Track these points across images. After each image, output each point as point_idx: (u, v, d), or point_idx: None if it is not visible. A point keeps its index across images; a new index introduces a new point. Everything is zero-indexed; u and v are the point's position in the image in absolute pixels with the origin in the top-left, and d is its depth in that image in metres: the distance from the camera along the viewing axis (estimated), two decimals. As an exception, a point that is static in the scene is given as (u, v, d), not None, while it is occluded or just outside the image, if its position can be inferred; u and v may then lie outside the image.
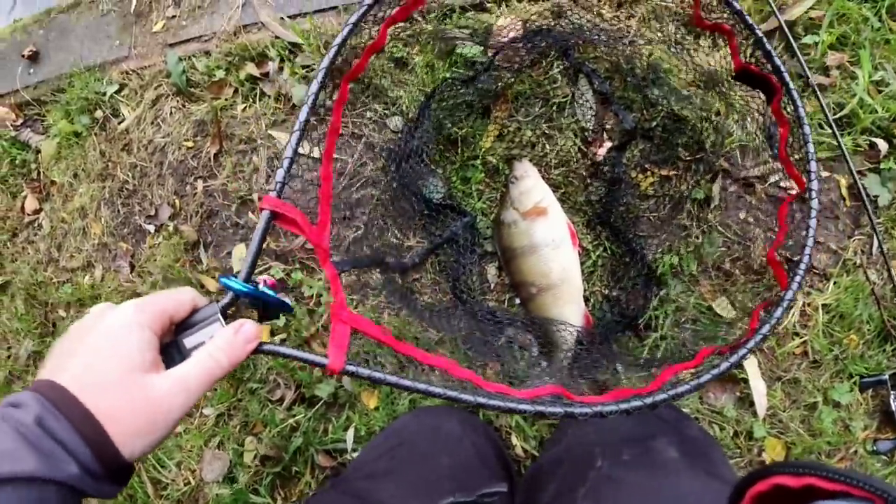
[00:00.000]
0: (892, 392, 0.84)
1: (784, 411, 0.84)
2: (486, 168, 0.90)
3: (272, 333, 0.92)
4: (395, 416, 0.85)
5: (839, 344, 0.86)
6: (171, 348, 0.40)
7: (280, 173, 0.46)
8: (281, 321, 0.91)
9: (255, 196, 0.98)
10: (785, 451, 0.83)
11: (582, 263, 0.88)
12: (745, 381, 0.83)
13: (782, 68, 0.62)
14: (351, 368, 0.43)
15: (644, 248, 0.85)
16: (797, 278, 0.62)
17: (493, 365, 0.84)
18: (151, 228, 1.08)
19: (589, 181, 0.90)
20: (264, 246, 0.96)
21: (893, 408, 0.83)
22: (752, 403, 0.83)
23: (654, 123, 0.89)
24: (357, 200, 0.93)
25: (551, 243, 0.79)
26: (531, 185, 0.82)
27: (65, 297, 1.17)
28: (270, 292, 0.44)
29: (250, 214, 0.99)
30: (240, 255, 0.97)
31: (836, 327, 0.87)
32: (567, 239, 0.80)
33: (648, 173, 0.91)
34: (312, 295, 0.92)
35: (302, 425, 0.89)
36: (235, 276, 0.43)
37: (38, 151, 1.24)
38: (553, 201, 0.82)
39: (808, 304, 0.88)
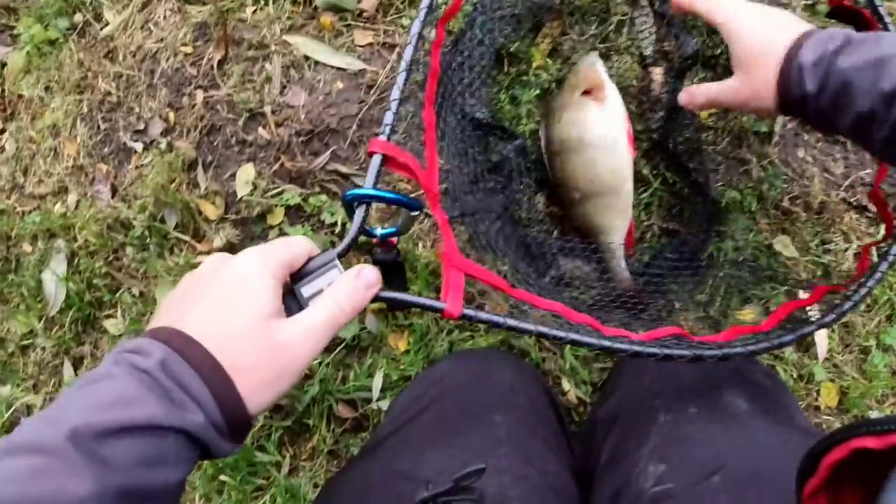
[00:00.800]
0: (938, 340, 0.81)
1: (839, 355, 0.79)
2: (538, 85, 0.80)
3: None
4: (431, 361, 0.75)
5: (892, 288, 0.82)
6: (287, 298, 0.37)
7: (388, 116, 0.45)
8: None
9: (266, 109, 0.84)
10: (839, 396, 0.78)
11: (639, 194, 0.80)
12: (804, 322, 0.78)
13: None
14: (469, 312, 0.42)
15: (706, 178, 0.78)
16: None
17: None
18: (139, 146, 0.92)
19: (646, 107, 0.81)
20: (274, 168, 0.83)
21: (939, 355, 0.80)
22: (810, 346, 0.78)
23: (719, 51, 0.81)
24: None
25: (602, 143, 0.67)
26: (593, 68, 0.70)
27: (31, 229, 1.00)
28: (393, 195, 0.41)
29: (260, 130, 0.85)
30: (246, 178, 0.84)
31: (890, 271, 0.82)
32: (622, 139, 0.67)
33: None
34: (335, 223, 0.79)
35: (318, 372, 0.77)
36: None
37: (4, 65, 1.05)
38: (613, 90, 0.70)
39: (862, 248, 0.83)
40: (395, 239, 0.43)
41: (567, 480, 0.56)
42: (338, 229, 0.79)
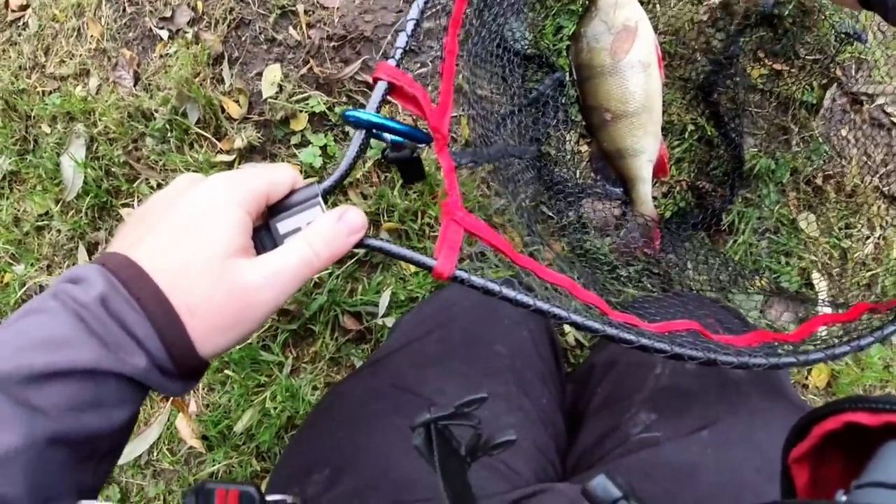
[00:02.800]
0: (936, 339, 0.78)
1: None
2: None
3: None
4: (439, 286, 0.73)
5: (903, 284, 0.78)
6: (262, 233, 0.32)
7: (401, 38, 0.36)
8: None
9: (299, 8, 0.77)
10: (829, 378, 0.77)
11: (672, 147, 0.74)
12: (809, 301, 0.75)
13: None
14: (462, 275, 0.36)
15: (741, 140, 0.72)
16: None
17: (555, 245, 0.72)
18: (164, 34, 0.86)
19: (697, 56, 0.74)
20: (301, 72, 0.78)
21: (934, 354, 0.78)
22: (811, 326, 0.76)
23: (787, 11, 0.72)
24: (426, 32, 0.74)
25: (636, 65, 0.65)
26: (627, 8, 0.66)
27: (51, 110, 0.96)
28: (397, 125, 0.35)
29: (290, 30, 0.79)
30: (273, 79, 0.78)
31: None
32: (654, 62, 0.66)
33: (760, 64, 0.75)
34: (359, 136, 0.75)
35: (327, 282, 0.76)
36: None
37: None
38: (644, 18, 0.67)
39: (884, 239, 0.79)
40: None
41: (557, 416, 0.56)
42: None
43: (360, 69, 0.75)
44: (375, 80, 0.35)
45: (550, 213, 0.71)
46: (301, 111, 0.76)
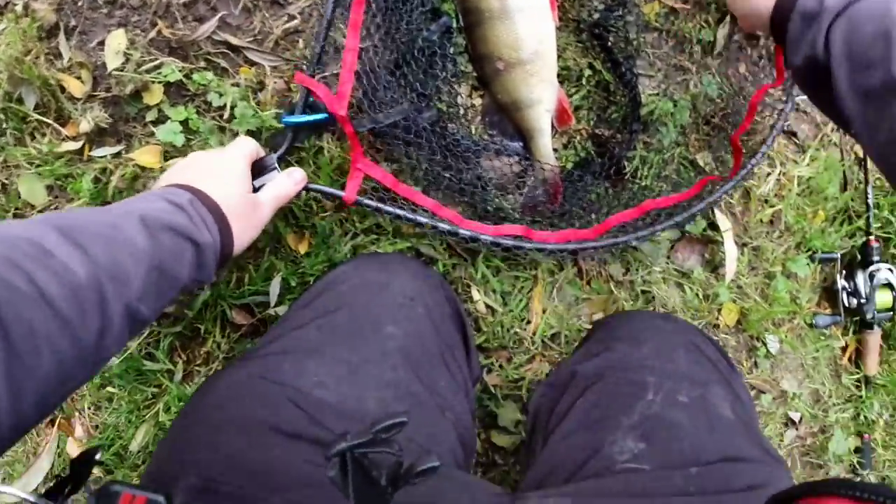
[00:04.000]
0: (840, 271, 0.79)
1: (745, 277, 0.75)
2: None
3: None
4: (333, 265, 0.65)
5: (805, 218, 0.78)
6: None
7: (315, 47, 0.58)
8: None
9: (139, -38, 0.64)
10: (738, 316, 0.76)
11: (571, 95, 0.69)
12: (716, 243, 0.73)
13: None
14: (361, 200, 0.60)
15: (637, 82, 0.67)
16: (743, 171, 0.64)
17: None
18: (-16, 5, 0.71)
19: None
20: (150, 36, 0.66)
21: (839, 285, 0.78)
22: (717, 266, 0.74)
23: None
24: (287, -19, 0.64)
25: (527, 8, 0.59)
26: None
27: None
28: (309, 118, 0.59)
29: (133, -10, 0.66)
30: (117, 47, 0.66)
31: (806, 200, 0.78)
32: (546, 4, 0.61)
33: (655, 1, 0.70)
34: (224, 105, 0.64)
35: (210, 273, 0.66)
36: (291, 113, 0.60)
37: None
38: None
39: (784, 175, 0.77)
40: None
41: (458, 398, 0.50)
42: (226, 114, 0.64)
43: (217, 27, 0.64)
44: (298, 83, 0.59)
45: (449, 175, 0.64)
46: (154, 82, 0.65)
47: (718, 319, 0.75)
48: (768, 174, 0.76)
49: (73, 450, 0.74)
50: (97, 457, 0.36)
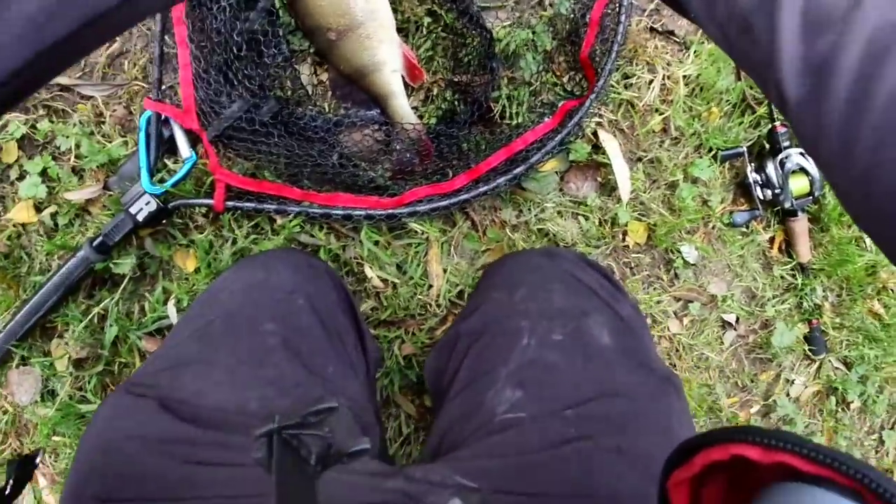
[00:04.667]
0: (749, 164, 0.75)
1: (645, 192, 0.73)
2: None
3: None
4: (217, 274, 0.65)
5: (699, 118, 0.74)
6: None
7: (154, 71, 0.61)
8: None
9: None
10: (647, 233, 0.74)
11: (418, 47, 0.66)
12: (606, 165, 0.70)
13: None
14: (231, 204, 0.62)
15: (482, 16, 0.64)
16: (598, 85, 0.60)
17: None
18: None
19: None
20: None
21: (750, 179, 0.75)
22: (613, 188, 0.71)
23: None
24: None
25: None
26: None
27: None
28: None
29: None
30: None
31: (697, 100, 0.74)
32: None
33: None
34: (70, 148, 0.63)
35: (111, 311, 0.67)
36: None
37: None
38: None
39: (668, 77, 0.73)
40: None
41: (349, 383, 0.50)
42: (72, 155, 0.63)
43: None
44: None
45: (315, 161, 0.62)
46: (5, 141, 0.64)
47: (626, 241, 0.73)
48: (650, 81, 0.72)
49: (49, 498, 0.77)
50: (37, 460, 0.36)
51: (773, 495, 0.21)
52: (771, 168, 0.75)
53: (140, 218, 0.61)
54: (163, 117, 0.61)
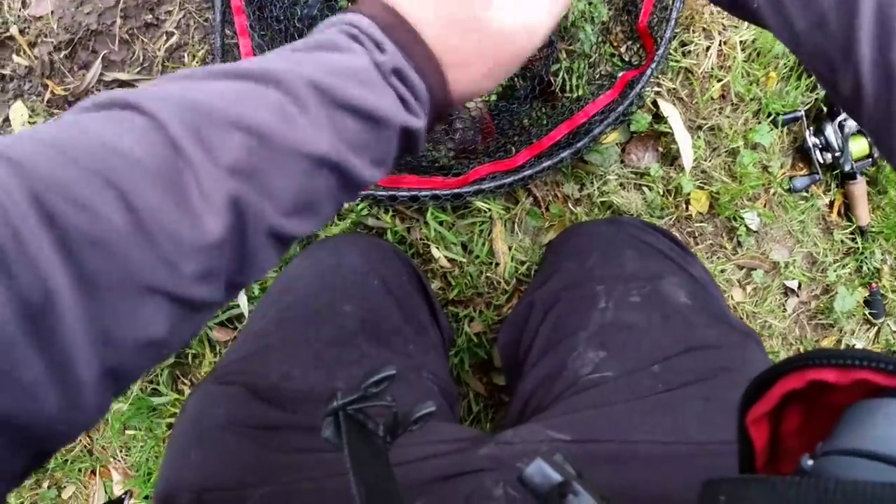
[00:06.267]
0: (807, 128, 0.73)
1: (706, 161, 0.71)
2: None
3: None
4: (288, 261, 0.64)
5: (757, 83, 0.72)
6: None
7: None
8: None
9: (13, 30, 0.62)
10: (709, 202, 0.72)
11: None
12: (667, 134, 0.69)
13: None
14: None
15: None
16: (657, 56, 0.57)
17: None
18: None
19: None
20: (46, 98, 0.64)
21: (809, 143, 0.73)
22: (675, 158, 0.70)
23: None
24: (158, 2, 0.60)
25: None
26: None
27: None
28: None
29: (15, 58, 0.63)
30: (21, 119, 0.64)
31: (754, 66, 0.72)
32: None
33: None
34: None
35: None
36: None
37: None
38: None
39: (725, 43, 0.71)
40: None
41: (429, 357, 0.49)
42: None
43: (103, 68, 0.61)
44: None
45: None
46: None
47: (689, 210, 0.71)
48: (707, 48, 0.70)
49: (119, 492, 0.77)
50: (129, 502, 0.36)
51: (857, 413, 0.20)
52: (830, 131, 0.73)
53: None
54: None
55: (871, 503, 0.15)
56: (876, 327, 0.82)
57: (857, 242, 0.78)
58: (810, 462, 0.19)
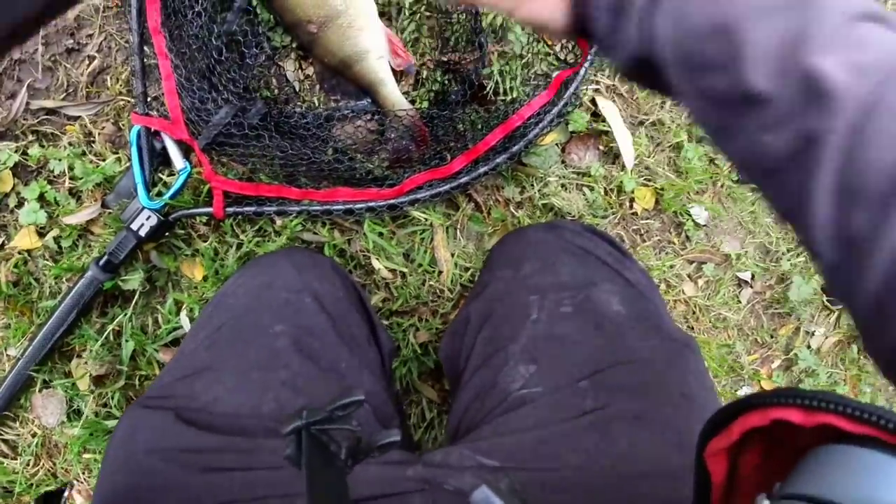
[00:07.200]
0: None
1: (650, 157, 0.70)
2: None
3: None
4: (224, 280, 0.63)
5: (699, 72, 0.70)
6: None
7: (137, 85, 0.57)
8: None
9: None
10: (655, 198, 0.71)
11: (403, 31, 0.63)
12: (607, 132, 0.67)
13: None
14: (231, 210, 0.60)
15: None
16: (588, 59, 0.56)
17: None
18: None
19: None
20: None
21: (754, 129, 0.72)
22: (617, 156, 0.69)
23: None
24: (77, 22, 0.59)
25: None
26: None
27: None
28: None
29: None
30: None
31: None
32: None
33: None
34: (64, 170, 0.62)
35: (126, 327, 0.66)
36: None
37: None
38: None
39: (665, 35, 0.70)
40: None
41: (363, 375, 0.49)
42: (66, 177, 0.62)
43: (29, 97, 0.60)
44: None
45: (309, 157, 0.60)
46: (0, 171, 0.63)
47: (634, 208, 0.70)
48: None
49: (87, 514, 0.78)
50: (64, 495, 0.36)
51: (817, 458, 0.19)
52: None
53: (142, 233, 0.59)
54: (153, 130, 0.59)
55: None
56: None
57: (811, 229, 0.77)
58: (766, 503, 0.19)
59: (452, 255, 0.67)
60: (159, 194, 0.60)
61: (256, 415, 0.43)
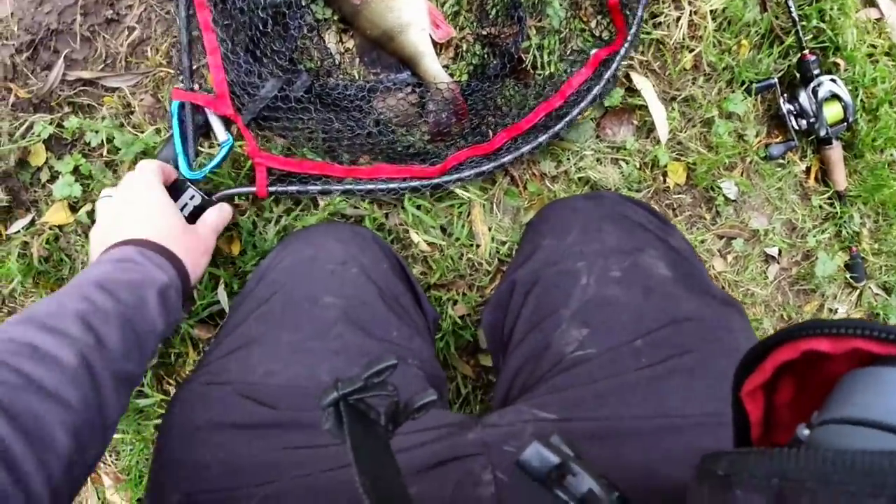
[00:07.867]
0: (781, 95, 0.73)
1: (682, 132, 0.70)
2: None
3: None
4: (265, 254, 0.63)
5: (729, 52, 0.71)
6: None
7: (185, 59, 0.58)
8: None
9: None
10: (686, 173, 0.72)
11: (443, 4, 0.63)
12: (641, 107, 0.68)
13: None
14: (273, 189, 0.60)
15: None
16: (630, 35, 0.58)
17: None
18: None
19: None
20: (10, 102, 0.62)
21: (783, 110, 0.73)
22: (650, 130, 0.69)
23: None
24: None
25: None
26: None
27: None
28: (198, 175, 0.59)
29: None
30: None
31: (725, 35, 0.71)
32: None
33: None
34: (101, 142, 0.61)
35: (161, 301, 0.65)
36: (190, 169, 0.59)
37: None
38: None
39: (695, 13, 0.70)
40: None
41: (415, 342, 0.49)
42: (104, 149, 0.61)
43: (66, 68, 0.60)
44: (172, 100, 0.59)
45: (351, 129, 0.60)
46: (33, 143, 0.62)
47: (666, 182, 0.71)
48: (678, 19, 0.70)
49: (114, 497, 0.76)
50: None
51: (852, 381, 0.20)
52: (804, 97, 0.72)
53: (185, 214, 0.58)
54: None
55: (869, 472, 0.15)
56: (858, 290, 0.82)
57: (835, 207, 0.78)
58: (806, 432, 0.19)
59: (490, 228, 0.67)
60: (200, 166, 0.59)
61: (313, 385, 0.42)
